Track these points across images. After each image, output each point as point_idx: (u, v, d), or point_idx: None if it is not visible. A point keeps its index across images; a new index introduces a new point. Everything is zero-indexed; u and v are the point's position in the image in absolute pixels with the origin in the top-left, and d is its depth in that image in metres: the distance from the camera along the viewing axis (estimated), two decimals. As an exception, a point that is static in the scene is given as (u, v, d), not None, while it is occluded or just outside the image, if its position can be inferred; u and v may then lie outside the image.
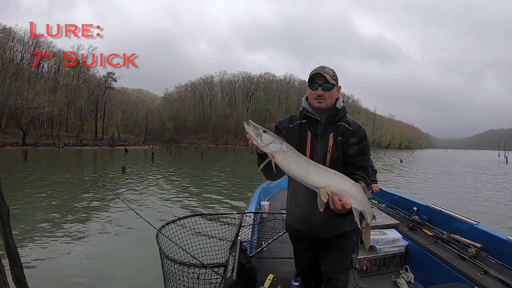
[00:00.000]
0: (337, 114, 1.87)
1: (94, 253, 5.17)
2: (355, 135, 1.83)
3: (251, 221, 3.31)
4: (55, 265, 4.61)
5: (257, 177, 14.26)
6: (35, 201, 9.05)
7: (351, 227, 1.89)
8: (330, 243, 1.93)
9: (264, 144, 1.55)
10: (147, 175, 16.72)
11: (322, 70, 1.80)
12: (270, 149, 1.54)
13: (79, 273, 4.38)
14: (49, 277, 4.22)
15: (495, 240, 2.84)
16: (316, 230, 1.89)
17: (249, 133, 1.57)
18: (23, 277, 2.55)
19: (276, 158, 1.54)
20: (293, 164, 1.55)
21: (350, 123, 1.87)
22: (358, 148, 1.81)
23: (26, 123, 52.49)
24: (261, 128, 1.58)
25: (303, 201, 1.90)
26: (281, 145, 1.55)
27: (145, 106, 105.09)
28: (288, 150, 1.56)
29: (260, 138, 1.55)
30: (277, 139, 1.56)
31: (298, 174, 1.55)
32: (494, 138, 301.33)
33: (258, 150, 1.60)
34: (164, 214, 7.61)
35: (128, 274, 4.39)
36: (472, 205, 10.14)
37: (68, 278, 4.22)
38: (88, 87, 74.64)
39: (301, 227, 1.97)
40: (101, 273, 4.41)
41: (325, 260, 1.97)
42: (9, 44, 63.87)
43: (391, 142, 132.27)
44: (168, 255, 2.30)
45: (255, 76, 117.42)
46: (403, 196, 4.46)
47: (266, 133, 1.56)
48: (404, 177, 18.64)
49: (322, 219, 1.84)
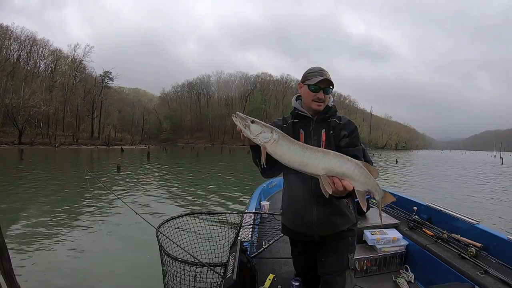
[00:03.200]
0: (328, 112, 1.90)
1: (93, 252, 5.16)
2: (346, 128, 1.86)
3: (251, 221, 3.30)
4: (53, 264, 4.57)
5: (251, 177, 14.29)
6: (31, 200, 9.00)
7: (347, 225, 1.90)
8: (325, 244, 1.93)
9: (254, 135, 1.48)
10: (142, 175, 16.67)
11: (325, 75, 1.83)
12: (261, 140, 1.48)
13: (79, 272, 4.36)
14: (49, 276, 4.19)
15: (495, 240, 2.84)
16: (311, 228, 1.88)
17: (238, 125, 1.50)
18: (11, 270, 2.53)
19: (268, 149, 1.47)
20: (288, 153, 1.47)
21: (340, 118, 1.91)
22: (349, 139, 1.83)
23: (22, 122, 52.28)
24: (249, 118, 1.51)
25: (298, 198, 1.90)
26: (271, 134, 1.47)
27: (142, 106, 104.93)
28: (279, 139, 1.48)
29: (249, 130, 1.48)
30: (267, 127, 1.49)
31: (295, 163, 1.47)
32: (490, 139, 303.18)
33: (250, 142, 1.55)
34: (161, 213, 7.58)
35: (128, 273, 4.37)
36: (472, 204, 10.20)
37: (68, 277, 4.20)
38: (84, 86, 74.52)
39: (297, 226, 1.96)
40: (101, 272, 4.38)
41: (321, 262, 1.96)
42: (6, 42, 63.59)
43: (388, 143, 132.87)
44: (169, 253, 2.27)
45: (252, 76, 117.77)
46: (403, 195, 4.45)
47: (254, 123, 1.49)
48: (402, 177, 18.76)
49: (318, 216, 1.85)
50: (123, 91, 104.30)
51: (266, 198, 5.04)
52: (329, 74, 1.84)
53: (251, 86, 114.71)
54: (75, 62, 74.25)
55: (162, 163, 25.73)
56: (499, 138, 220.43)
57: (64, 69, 73.23)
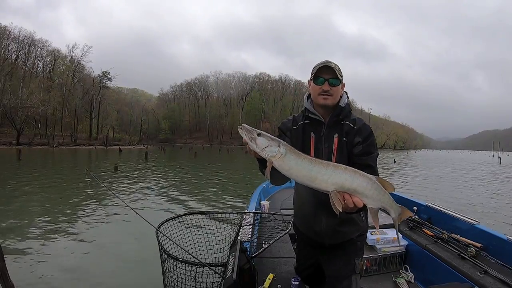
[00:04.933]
0: (341, 113, 1.77)
1: (93, 251, 5.15)
2: (360, 133, 1.73)
3: (251, 221, 3.29)
4: (52, 264, 4.56)
5: (250, 177, 14.27)
6: (28, 200, 8.96)
7: (357, 233, 1.85)
8: (334, 248, 1.89)
9: (260, 149, 1.40)
10: (140, 175, 16.61)
11: (328, 63, 1.70)
12: (267, 154, 1.40)
13: (78, 271, 4.36)
14: (48, 275, 4.18)
15: (495, 240, 2.84)
16: (321, 237, 1.85)
17: (244, 137, 1.42)
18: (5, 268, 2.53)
19: (275, 163, 1.40)
20: (295, 168, 1.40)
21: (355, 121, 1.78)
22: (363, 147, 1.71)
23: (20, 122, 52.14)
24: (255, 131, 1.43)
25: (307, 208, 1.85)
26: (278, 148, 1.39)
27: (140, 106, 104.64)
28: (286, 153, 1.40)
29: (255, 143, 1.41)
30: (273, 141, 1.41)
31: (303, 178, 1.40)
32: (489, 139, 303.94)
33: (257, 155, 1.46)
34: (160, 213, 7.57)
35: (128, 273, 4.37)
36: (471, 204, 10.22)
37: (67, 277, 4.19)
38: (83, 86, 74.18)
39: (307, 232, 1.94)
40: (101, 272, 4.37)
41: (328, 266, 1.93)
42: (4, 42, 63.39)
43: (386, 143, 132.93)
44: (169, 253, 2.27)
45: (250, 76, 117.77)
46: (403, 195, 4.45)
47: (260, 136, 1.41)
48: (399, 177, 18.77)
49: (328, 227, 1.80)
50: (121, 91, 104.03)
51: (266, 198, 5.03)
52: (337, 66, 1.71)
53: (250, 86, 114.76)
54: (73, 62, 74.02)
55: (160, 163, 25.69)
56: (498, 138, 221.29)
57: (62, 69, 72.90)
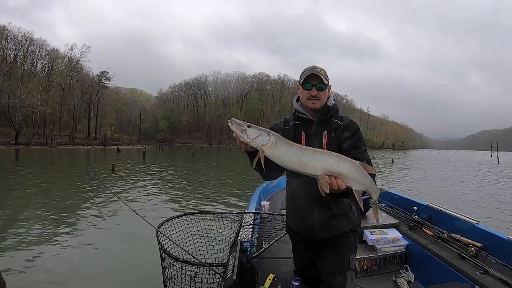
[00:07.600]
0: (329, 112, 1.89)
1: (92, 251, 5.16)
2: (347, 129, 1.84)
3: (251, 221, 3.29)
4: (50, 264, 4.55)
5: (250, 177, 14.25)
6: (27, 200, 8.98)
7: (349, 226, 1.90)
8: (327, 244, 1.92)
9: (250, 139, 1.50)
10: (138, 175, 16.60)
11: (315, 71, 1.81)
12: (258, 143, 1.49)
13: (78, 272, 4.36)
14: (47, 275, 4.18)
15: (495, 240, 2.83)
16: (314, 232, 1.89)
17: (234, 130, 1.52)
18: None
19: (266, 152, 1.49)
20: (286, 156, 1.50)
21: (342, 118, 1.89)
22: (351, 141, 1.81)
23: (18, 122, 51.89)
24: (245, 123, 1.53)
25: (300, 202, 1.91)
26: (268, 137, 1.50)
27: (139, 106, 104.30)
28: (277, 141, 1.50)
29: (245, 134, 1.50)
30: (264, 131, 1.52)
31: (294, 164, 1.50)
32: (487, 138, 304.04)
33: (248, 147, 1.56)
34: (160, 213, 7.53)
35: (127, 273, 4.36)
36: (471, 204, 10.25)
37: (66, 276, 4.20)
38: (81, 86, 73.96)
39: (299, 228, 1.97)
40: (100, 272, 4.37)
41: (322, 262, 1.96)
42: (2, 42, 63.24)
43: (385, 143, 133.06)
44: (170, 253, 2.26)
45: (249, 76, 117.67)
46: (403, 195, 4.46)
47: (250, 127, 1.51)
48: (398, 177, 18.79)
49: (320, 220, 1.85)
50: (120, 91, 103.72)
51: (266, 198, 5.04)
52: (323, 71, 1.83)
53: (248, 86, 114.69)
54: (72, 62, 73.85)
55: (158, 163, 25.72)
56: (496, 137, 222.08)
57: (61, 69, 72.73)
